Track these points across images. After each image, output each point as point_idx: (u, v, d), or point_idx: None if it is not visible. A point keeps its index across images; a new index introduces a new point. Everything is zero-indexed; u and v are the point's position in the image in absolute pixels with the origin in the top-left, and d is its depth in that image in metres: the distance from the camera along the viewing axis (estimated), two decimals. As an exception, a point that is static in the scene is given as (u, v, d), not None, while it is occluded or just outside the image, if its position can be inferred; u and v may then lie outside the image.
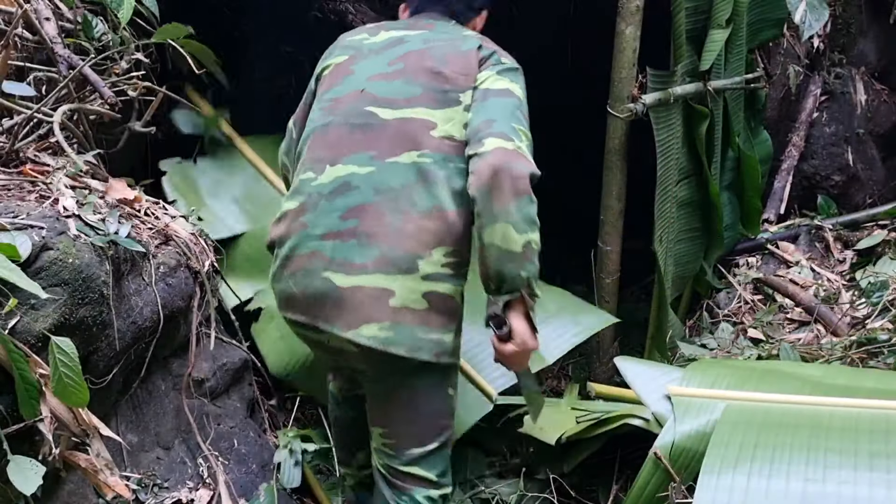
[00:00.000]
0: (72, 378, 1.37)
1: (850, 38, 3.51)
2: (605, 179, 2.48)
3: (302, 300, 1.71)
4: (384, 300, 1.66)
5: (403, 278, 1.67)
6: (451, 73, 1.79)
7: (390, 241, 1.68)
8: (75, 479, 1.56)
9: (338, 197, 1.73)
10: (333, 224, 1.72)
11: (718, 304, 2.99)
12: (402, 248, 1.68)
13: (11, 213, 1.48)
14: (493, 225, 1.64)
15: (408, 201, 1.70)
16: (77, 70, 1.87)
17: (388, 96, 1.78)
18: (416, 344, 1.67)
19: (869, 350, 2.39)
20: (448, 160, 1.73)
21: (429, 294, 1.68)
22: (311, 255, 1.71)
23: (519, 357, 1.74)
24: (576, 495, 2.15)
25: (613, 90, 2.38)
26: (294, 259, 1.73)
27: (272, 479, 2.06)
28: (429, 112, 1.76)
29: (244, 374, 2.20)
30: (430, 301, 1.68)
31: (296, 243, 1.74)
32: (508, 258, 1.64)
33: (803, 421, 1.73)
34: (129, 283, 1.69)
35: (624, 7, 2.32)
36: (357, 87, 1.83)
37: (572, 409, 2.40)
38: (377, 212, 1.70)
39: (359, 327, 1.65)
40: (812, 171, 3.44)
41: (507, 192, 1.65)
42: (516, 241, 1.64)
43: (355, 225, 1.70)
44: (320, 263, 1.69)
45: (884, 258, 2.86)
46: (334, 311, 1.68)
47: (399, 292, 1.66)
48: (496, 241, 1.64)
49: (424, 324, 1.68)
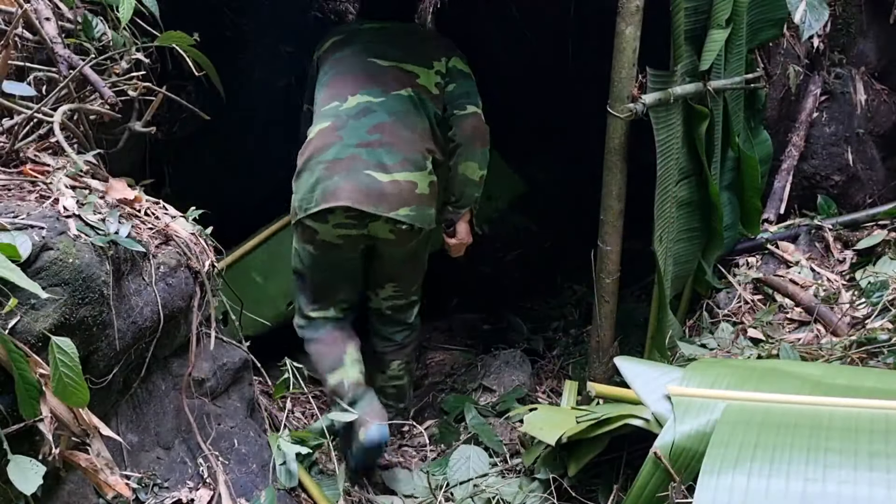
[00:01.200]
0: (72, 378, 1.37)
1: (850, 38, 3.51)
2: (605, 179, 2.48)
3: (351, 191, 2.38)
4: (413, 190, 2.45)
5: (420, 174, 2.47)
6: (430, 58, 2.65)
7: (407, 149, 2.46)
8: (75, 478, 1.56)
9: (362, 117, 2.48)
10: (363, 137, 2.45)
11: (718, 303, 2.99)
12: (417, 150, 2.48)
13: (11, 213, 1.48)
14: (466, 161, 2.60)
15: (411, 121, 2.51)
16: (77, 70, 1.87)
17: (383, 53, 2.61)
18: (426, 219, 2.52)
19: (869, 350, 2.39)
20: (426, 99, 2.57)
21: (431, 184, 2.52)
22: (351, 158, 2.41)
23: (459, 247, 2.77)
24: (576, 495, 2.14)
25: (613, 90, 2.38)
26: (339, 162, 2.41)
27: (272, 479, 2.06)
28: (414, 67, 2.61)
29: (244, 373, 2.20)
30: (431, 188, 2.52)
31: (337, 151, 2.43)
32: (471, 184, 2.63)
33: (803, 421, 1.73)
34: (130, 283, 1.69)
35: (624, 7, 2.31)
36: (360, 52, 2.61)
37: (572, 409, 2.41)
38: (393, 127, 2.47)
39: (398, 209, 2.42)
40: (812, 171, 3.44)
41: (482, 141, 2.62)
42: (481, 177, 2.63)
43: (379, 137, 2.45)
44: (361, 164, 2.40)
45: (884, 258, 2.85)
46: (379, 198, 2.40)
47: (420, 183, 2.46)
48: (466, 173, 2.61)
49: (429, 204, 2.52)
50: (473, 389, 3.16)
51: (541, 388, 3.23)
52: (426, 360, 3.56)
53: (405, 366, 2.82)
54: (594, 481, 2.19)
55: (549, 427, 2.22)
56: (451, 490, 2.49)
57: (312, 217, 2.44)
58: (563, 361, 3.42)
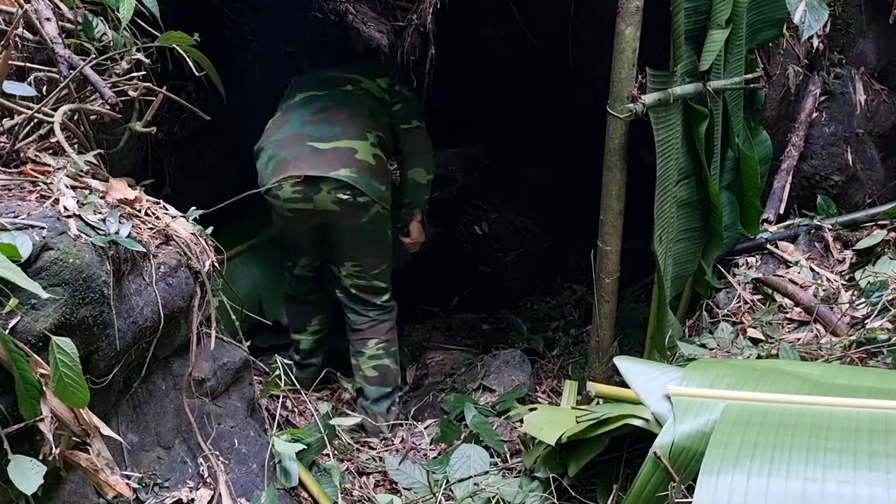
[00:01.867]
0: (72, 378, 1.37)
1: (850, 38, 3.51)
2: (605, 179, 2.48)
3: (294, 161, 2.65)
4: (353, 154, 2.66)
5: (361, 142, 2.70)
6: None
7: (349, 123, 2.74)
8: (76, 478, 1.56)
9: (308, 104, 2.82)
10: (308, 118, 2.76)
11: (718, 303, 2.99)
12: (357, 126, 2.74)
13: (12, 213, 1.49)
14: (415, 167, 2.93)
15: (352, 106, 2.80)
16: (78, 70, 1.87)
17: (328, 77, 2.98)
18: (371, 189, 2.67)
19: (868, 350, 2.39)
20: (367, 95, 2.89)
21: (375, 156, 2.72)
22: (297, 135, 2.71)
23: (414, 245, 3.10)
24: (576, 495, 2.15)
25: (613, 90, 2.38)
26: (286, 139, 2.71)
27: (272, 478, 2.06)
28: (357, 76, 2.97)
29: (244, 373, 2.20)
30: (377, 161, 2.72)
31: (284, 132, 2.74)
32: (420, 187, 2.95)
33: (803, 420, 1.73)
34: (130, 283, 1.69)
35: (624, 7, 2.32)
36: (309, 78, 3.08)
37: (572, 409, 2.41)
38: (336, 109, 2.78)
39: (338, 170, 2.62)
40: (811, 171, 3.44)
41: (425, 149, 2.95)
42: (425, 177, 2.94)
43: (322, 116, 2.76)
44: (305, 139, 2.69)
45: (883, 258, 2.85)
46: (320, 162, 2.63)
47: (360, 150, 2.68)
48: (415, 177, 2.93)
49: (374, 175, 2.69)
50: (473, 389, 3.16)
51: (541, 388, 3.23)
52: (426, 360, 3.56)
53: (384, 345, 2.96)
54: (594, 481, 2.19)
55: (549, 427, 2.22)
56: (451, 488, 2.49)
57: (269, 192, 2.72)
58: (563, 361, 3.42)
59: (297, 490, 2.15)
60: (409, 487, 2.54)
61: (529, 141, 4.64)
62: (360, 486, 2.51)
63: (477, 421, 2.84)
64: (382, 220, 2.83)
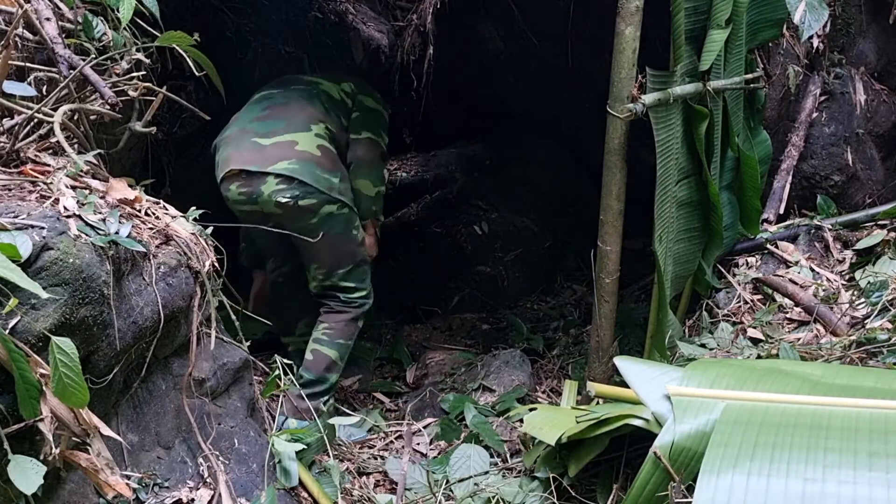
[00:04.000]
0: (72, 378, 1.37)
1: (850, 38, 3.51)
2: (605, 179, 2.48)
3: (237, 156, 2.65)
4: (293, 146, 2.64)
5: (304, 134, 2.68)
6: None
7: (294, 116, 2.72)
8: (76, 478, 1.56)
9: (260, 102, 2.84)
10: (256, 114, 2.77)
11: (718, 303, 2.99)
12: (301, 118, 2.72)
13: (12, 213, 1.49)
14: (359, 179, 2.85)
15: (303, 102, 2.78)
16: (78, 70, 1.87)
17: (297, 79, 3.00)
18: (316, 179, 2.63)
19: (868, 350, 2.39)
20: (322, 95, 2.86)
21: (320, 147, 2.69)
22: (242, 131, 2.72)
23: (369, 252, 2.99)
24: (576, 495, 2.15)
25: (613, 90, 2.38)
26: (232, 136, 2.73)
27: (272, 478, 2.06)
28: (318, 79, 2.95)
29: (244, 373, 2.20)
30: (323, 151, 2.69)
31: (232, 129, 2.76)
32: (366, 198, 2.86)
33: (803, 420, 1.73)
34: (130, 283, 1.69)
35: (624, 7, 2.32)
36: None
37: (572, 409, 2.41)
38: (284, 105, 2.78)
39: (276, 164, 2.60)
40: (811, 171, 3.44)
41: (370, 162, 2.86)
42: (372, 190, 2.87)
43: (269, 113, 2.76)
44: (249, 135, 2.69)
45: (883, 258, 2.86)
46: (259, 158, 2.62)
47: (301, 141, 2.65)
48: (361, 189, 2.85)
49: (319, 164, 2.65)
50: (473, 389, 3.16)
51: (541, 388, 3.23)
52: (426, 360, 3.56)
53: (330, 332, 2.84)
54: (594, 481, 2.19)
55: (549, 427, 2.23)
56: (451, 488, 2.49)
57: (221, 189, 2.74)
58: (563, 361, 3.42)
59: (297, 490, 2.15)
60: (410, 487, 2.54)
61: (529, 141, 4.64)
62: (360, 486, 2.51)
63: (477, 421, 2.84)
64: (338, 222, 2.75)
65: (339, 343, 2.84)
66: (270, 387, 2.42)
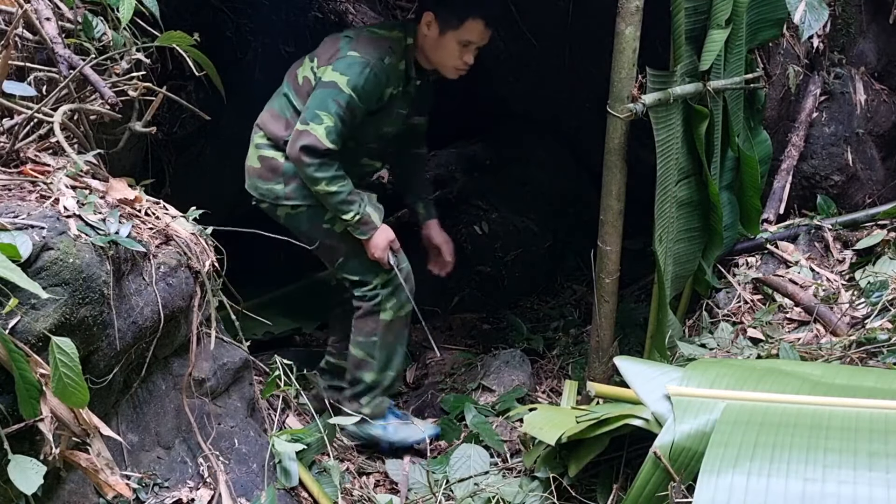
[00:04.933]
0: (72, 378, 1.37)
1: (850, 38, 3.51)
2: (605, 179, 2.48)
3: None
4: (246, 162, 2.71)
5: (250, 148, 2.70)
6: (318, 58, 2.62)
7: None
8: (76, 478, 1.56)
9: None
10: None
11: (718, 303, 2.99)
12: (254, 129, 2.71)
13: (12, 213, 1.49)
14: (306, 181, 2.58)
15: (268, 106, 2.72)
16: (77, 70, 1.87)
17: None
18: (259, 191, 2.66)
19: (868, 350, 2.39)
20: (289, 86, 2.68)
21: (260, 157, 2.65)
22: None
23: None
24: (576, 495, 2.15)
25: (613, 90, 2.38)
26: None
27: (272, 478, 2.06)
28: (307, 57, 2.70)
29: (244, 373, 2.20)
30: (262, 162, 2.65)
31: None
32: (322, 197, 2.57)
33: (803, 421, 1.73)
34: (130, 283, 1.69)
35: (624, 7, 2.32)
36: None
37: (572, 409, 2.41)
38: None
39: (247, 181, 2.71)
40: (811, 171, 3.44)
41: (295, 161, 2.52)
42: (318, 192, 2.55)
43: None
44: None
45: (883, 258, 2.86)
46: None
47: (249, 155, 2.69)
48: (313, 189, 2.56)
49: (259, 177, 2.66)
50: (473, 389, 3.16)
51: (541, 388, 3.23)
52: (426, 360, 3.56)
53: (353, 333, 2.77)
54: (594, 481, 2.19)
55: (549, 427, 2.22)
56: (451, 488, 2.49)
57: None
58: (563, 361, 3.42)
59: (297, 490, 2.15)
60: (410, 487, 2.54)
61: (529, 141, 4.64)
62: (360, 486, 2.51)
63: (477, 421, 2.84)
64: (301, 220, 2.66)
65: (360, 341, 2.76)
66: (270, 387, 2.42)
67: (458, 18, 2.52)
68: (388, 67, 2.53)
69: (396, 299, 2.74)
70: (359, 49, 2.52)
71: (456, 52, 2.57)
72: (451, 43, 2.56)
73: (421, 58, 2.66)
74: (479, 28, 2.55)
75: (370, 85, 2.50)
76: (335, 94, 2.47)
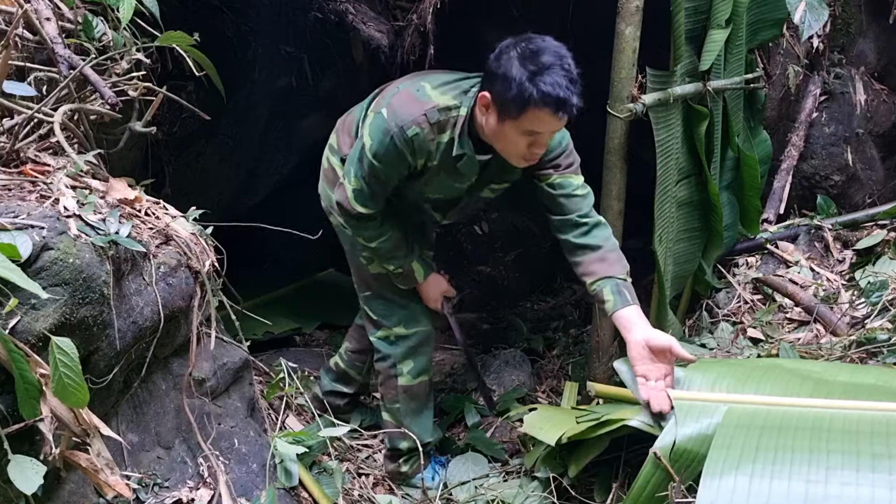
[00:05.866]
0: (72, 378, 1.37)
1: (850, 38, 3.51)
2: (605, 179, 2.48)
3: None
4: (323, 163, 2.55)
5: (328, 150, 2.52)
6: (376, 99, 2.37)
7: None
8: (76, 478, 1.56)
9: None
10: None
11: (718, 303, 2.99)
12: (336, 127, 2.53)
13: (12, 213, 1.48)
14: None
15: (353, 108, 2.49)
16: (78, 70, 1.87)
17: None
18: (321, 189, 2.54)
19: (868, 350, 2.39)
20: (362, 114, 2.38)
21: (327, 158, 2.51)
22: None
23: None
24: (576, 495, 2.15)
25: (613, 90, 2.38)
26: None
27: (272, 478, 2.06)
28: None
29: (245, 373, 2.20)
30: (328, 164, 2.50)
31: None
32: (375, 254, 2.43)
33: (805, 423, 1.73)
34: (130, 283, 1.69)
35: (624, 7, 2.32)
36: None
37: (572, 409, 2.41)
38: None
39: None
40: (811, 171, 3.45)
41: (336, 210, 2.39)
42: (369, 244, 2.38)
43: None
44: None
45: (883, 258, 2.86)
46: None
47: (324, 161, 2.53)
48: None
49: (324, 176, 2.53)
50: (473, 389, 3.16)
51: (541, 388, 3.23)
52: (426, 360, 3.56)
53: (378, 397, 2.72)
54: (594, 481, 2.20)
55: (549, 427, 2.22)
56: (451, 490, 2.49)
57: None
58: (563, 361, 3.42)
59: (298, 490, 2.15)
60: (407, 493, 2.54)
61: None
62: (360, 486, 2.51)
63: (474, 434, 2.80)
64: (344, 237, 2.50)
65: (386, 406, 2.64)
66: (274, 389, 2.42)
67: (518, 107, 1.95)
68: (412, 140, 2.09)
69: (413, 363, 2.56)
70: (393, 107, 2.12)
71: (520, 143, 2.03)
72: (512, 132, 2.02)
73: (483, 135, 2.12)
74: (546, 117, 1.96)
75: (390, 156, 2.13)
76: (361, 155, 2.19)
